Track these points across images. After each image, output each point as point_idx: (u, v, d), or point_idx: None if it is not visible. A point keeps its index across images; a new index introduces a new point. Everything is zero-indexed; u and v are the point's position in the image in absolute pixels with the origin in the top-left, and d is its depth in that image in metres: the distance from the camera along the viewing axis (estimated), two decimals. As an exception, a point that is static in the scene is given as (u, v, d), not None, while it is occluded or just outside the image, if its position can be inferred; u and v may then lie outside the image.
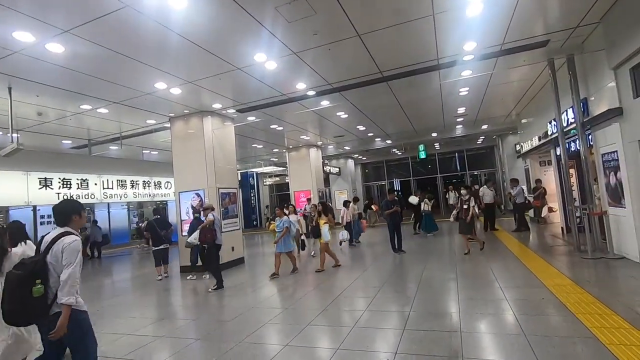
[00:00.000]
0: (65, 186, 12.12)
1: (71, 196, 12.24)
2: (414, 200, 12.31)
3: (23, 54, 5.31)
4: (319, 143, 16.21)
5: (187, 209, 9.21)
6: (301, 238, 9.55)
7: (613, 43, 5.79)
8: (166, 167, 12.42)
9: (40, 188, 11.32)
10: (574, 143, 7.92)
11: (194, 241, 6.92)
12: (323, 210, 8.13)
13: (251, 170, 22.74)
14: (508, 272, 6.05)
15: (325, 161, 18.46)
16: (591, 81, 6.85)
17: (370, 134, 15.04)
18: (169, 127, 9.66)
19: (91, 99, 7.59)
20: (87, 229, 13.20)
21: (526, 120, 12.52)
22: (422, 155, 17.27)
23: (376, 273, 6.94)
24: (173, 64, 6.26)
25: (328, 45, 6.01)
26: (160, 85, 7.06)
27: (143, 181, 15.33)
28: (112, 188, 13.97)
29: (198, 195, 9.16)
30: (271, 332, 4.29)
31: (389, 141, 17.25)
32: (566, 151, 7.33)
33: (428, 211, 11.61)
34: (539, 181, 11.87)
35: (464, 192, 8.14)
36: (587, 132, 6.99)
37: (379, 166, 23.88)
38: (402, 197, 12.13)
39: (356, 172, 23.36)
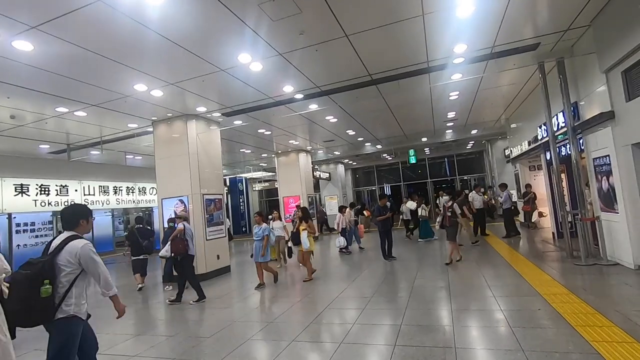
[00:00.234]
0: (43, 192, 11.59)
1: (49, 203, 11.77)
2: (412, 205, 12.12)
3: (-12, 52, 4.97)
4: (309, 148, 15.97)
5: (171, 216, 8.83)
6: (287, 245, 9.21)
7: (604, 46, 5.71)
8: (151, 173, 12.04)
9: (15, 195, 10.80)
10: (564, 147, 7.85)
11: (166, 254, 6.58)
12: (303, 216, 7.66)
13: (240, 175, 22.34)
14: (501, 280, 5.86)
15: (315, 166, 18.22)
16: (581, 85, 6.78)
17: (360, 139, 14.87)
18: (152, 131, 9.31)
19: (67, 101, 7.22)
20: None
21: (516, 125, 12.50)
22: (413, 160, 17.20)
23: (366, 282, 6.69)
24: (152, 65, 5.96)
25: (315, 46, 5.80)
26: (140, 87, 6.75)
27: (127, 187, 14.84)
28: (94, 194, 13.48)
29: (182, 201, 8.81)
30: (253, 350, 3.99)
31: (379, 146, 17.12)
32: (556, 156, 7.22)
33: (425, 217, 11.44)
34: (529, 186, 11.83)
35: (447, 198, 7.81)
36: (578, 136, 6.92)
37: (370, 171, 23.76)
38: (393, 202, 11.91)
39: (346, 178, 23.17)
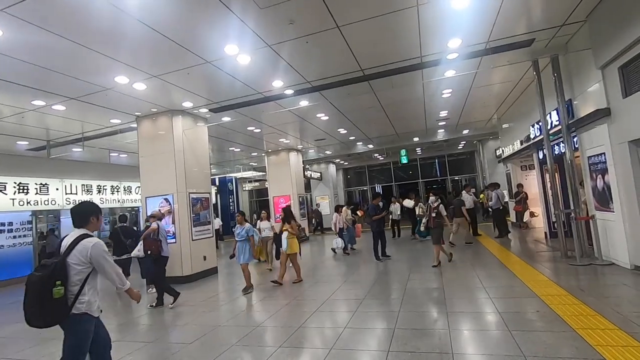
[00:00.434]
0: (21, 191, 11.06)
1: (28, 202, 11.27)
2: (409, 203, 11.95)
3: (-49, 37, 4.60)
4: (300, 147, 15.71)
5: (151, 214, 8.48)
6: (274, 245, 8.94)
7: (600, 41, 5.60)
8: (137, 172, 11.61)
9: (-9, 193, 10.28)
10: (557, 146, 7.76)
11: (138, 253, 6.27)
12: (285, 216, 7.20)
13: (230, 175, 21.93)
14: (496, 281, 5.69)
15: (306, 166, 17.96)
16: (576, 82, 6.67)
17: (351, 138, 14.68)
18: (136, 128, 8.95)
19: (44, 94, 6.83)
20: (45, 239, 12.15)
21: (507, 124, 12.45)
22: (404, 160, 17.10)
23: (358, 283, 6.47)
24: (133, 55, 5.64)
25: (305, 37, 5.56)
26: (121, 79, 6.41)
27: (111, 186, 14.32)
28: (76, 193, 12.92)
29: (167, 200, 8.47)
30: (237, 357, 3.72)
31: (371, 145, 16.96)
32: (551, 154, 7.11)
33: (423, 215, 11.27)
34: (521, 186, 11.77)
35: (433, 199, 7.42)
36: (572, 135, 6.82)
37: (361, 171, 23.62)
38: (385, 202, 11.75)
39: (338, 177, 22.96)
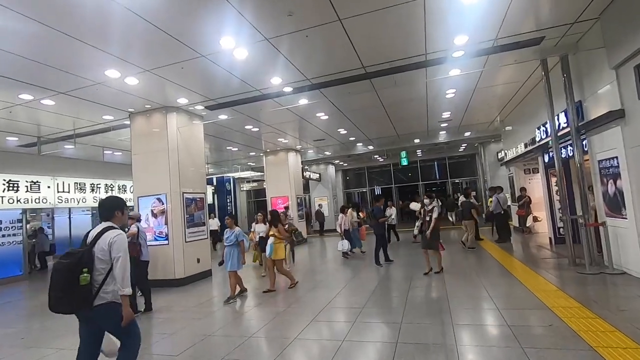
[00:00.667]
0: (11, 189, 10.74)
1: (18, 200, 10.96)
2: (416, 207, 11.68)
3: None
4: (298, 147, 15.43)
5: (147, 216, 8.19)
6: None
7: (614, 40, 5.33)
8: (131, 170, 11.37)
9: (-20, 191, 9.97)
10: (565, 149, 7.50)
11: None
12: (272, 220, 6.75)
13: (227, 175, 21.62)
14: (503, 290, 5.42)
15: (305, 166, 17.68)
16: (586, 83, 6.41)
17: (352, 138, 14.40)
18: (129, 125, 8.65)
19: (31, 88, 6.53)
20: (34, 238, 11.82)
21: (511, 127, 12.19)
22: (404, 162, 16.79)
23: (357, 290, 6.17)
24: (124, 47, 5.34)
25: (305, 31, 5.28)
26: (111, 73, 6.11)
27: (105, 185, 14.01)
28: (69, 192, 12.61)
29: (160, 200, 8.17)
30: (226, 373, 3.43)
31: (371, 147, 16.69)
32: (559, 158, 6.84)
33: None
34: (524, 189, 11.52)
35: (427, 202, 7.06)
36: (582, 137, 6.55)
37: (361, 173, 23.34)
38: (385, 205, 11.49)
39: (337, 179, 22.67)
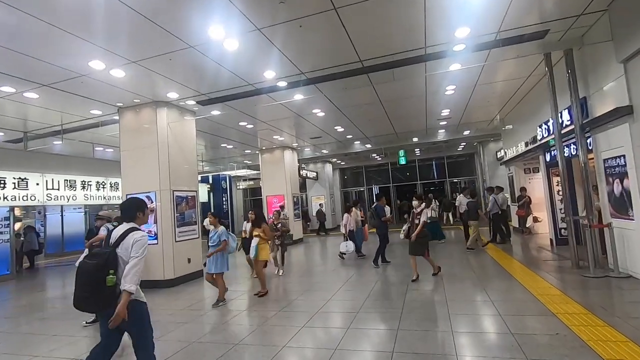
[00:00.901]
0: (-3, 185, 10.43)
1: (5, 197, 10.63)
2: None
3: None
4: (295, 145, 15.14)
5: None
6: None
7: (623, 32, 5.08)
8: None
9: (-36, 187, 9.64)
10: (567, 148, 7.27)
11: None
12: (255, 219, 6.45)
13: (223, 173, 21.31)
14: (504, 294, 5.17)
15: (301, 165, 17.41)
16: (591, 78, 6.17)
17: (349, 136, 14.14)
18: (118, 120, 8.35)
19: (12, 80, 6.23)
20: (22, 236, 11.49)
21: (511, 125, 11.95)
22: (402, 161, 16.60)
23: (352, 294, 5.92)
24: (108, 37, 5.05)
25: (299, 20, 5.00)
26: (96, 64, 5.81)
27: (97, 182, 13.68)
28: (59, 189, 12.28)
29: (149, 198, 7.88)
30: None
31: (369, 145, 16.43)
32: (563, 156, 6.60)
33: (435, 218, 10.81)
34: (524, 189, 11.30)
35: (416, 204, 6.55)
36: (587, 135, 6.32)
37: (358, 172, 23.08)
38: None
39: (334, 178, 22.41)
